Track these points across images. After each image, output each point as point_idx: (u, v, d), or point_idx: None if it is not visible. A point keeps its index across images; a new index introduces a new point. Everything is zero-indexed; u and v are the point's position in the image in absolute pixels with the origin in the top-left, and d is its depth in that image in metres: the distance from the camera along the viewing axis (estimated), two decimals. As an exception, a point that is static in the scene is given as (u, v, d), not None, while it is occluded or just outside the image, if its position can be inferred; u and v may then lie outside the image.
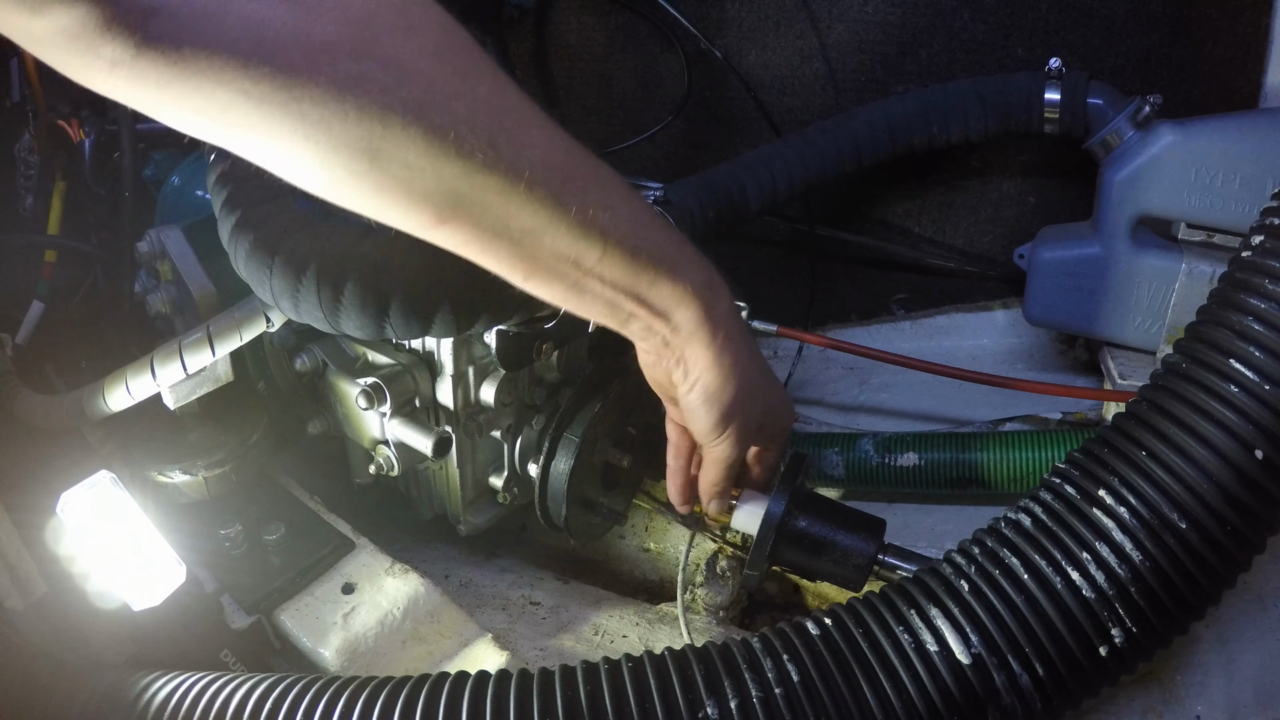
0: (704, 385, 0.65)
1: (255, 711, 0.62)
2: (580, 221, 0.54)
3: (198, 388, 0.83)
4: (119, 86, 0.45)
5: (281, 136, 0.48)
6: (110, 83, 0.44)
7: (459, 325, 0.72)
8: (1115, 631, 0.59)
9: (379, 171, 0.50)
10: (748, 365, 0.66)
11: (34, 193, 1.12)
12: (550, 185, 0.53)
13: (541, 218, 0.53)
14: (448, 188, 0.51)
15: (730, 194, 1.11)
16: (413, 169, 0.50)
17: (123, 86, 0.45)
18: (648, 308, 0.61)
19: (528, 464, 0.90)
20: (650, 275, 0.59)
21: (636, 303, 0.60)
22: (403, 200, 0.52)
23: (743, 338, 0.66)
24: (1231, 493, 0.58)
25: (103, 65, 0.43)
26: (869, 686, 0.59)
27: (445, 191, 0.51)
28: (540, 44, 1.43)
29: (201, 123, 0.48)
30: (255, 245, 0.71)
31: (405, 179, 0.50)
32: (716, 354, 0.64)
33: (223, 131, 0.48)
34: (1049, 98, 1.08)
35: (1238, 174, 0.98)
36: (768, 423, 0.72)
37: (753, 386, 0.67)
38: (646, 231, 0.58)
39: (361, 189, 0.51)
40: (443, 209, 0.52)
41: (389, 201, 0.52)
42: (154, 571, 0.76)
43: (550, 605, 0.96)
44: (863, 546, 0.73)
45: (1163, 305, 1.06)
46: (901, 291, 1.40)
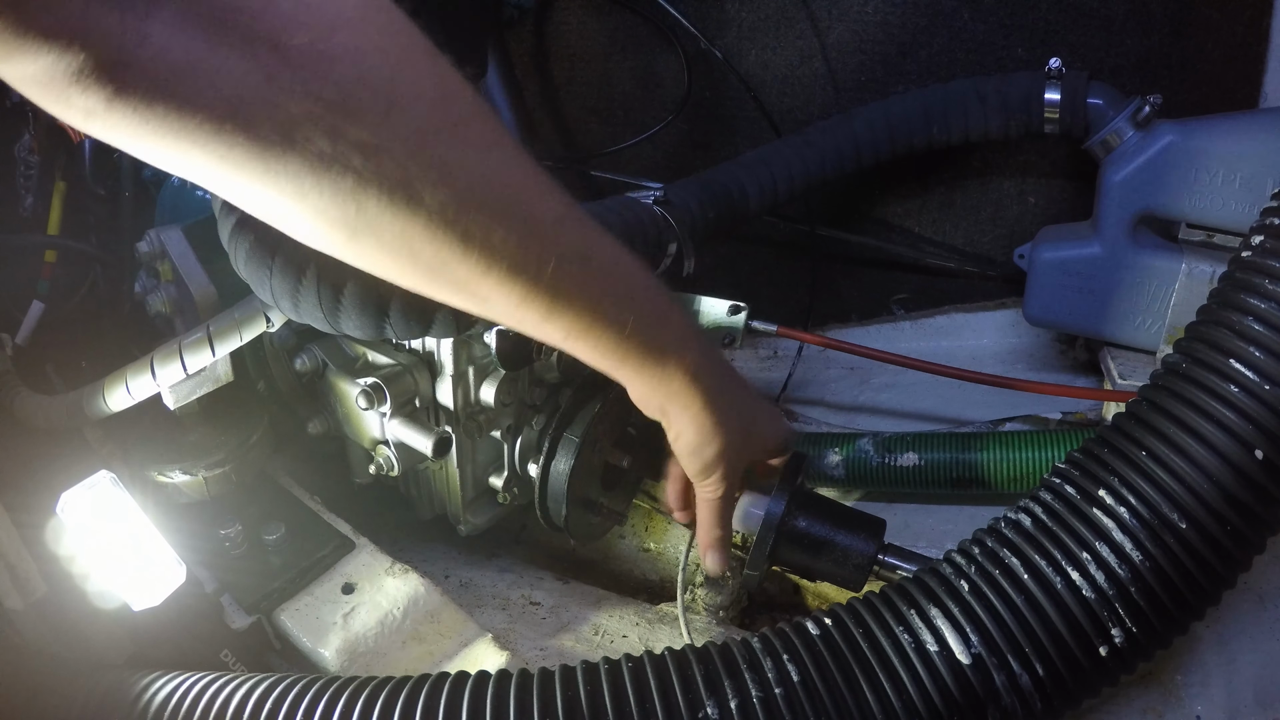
0: (686, 440, 0.68)
1: (255, 711, 0.62)
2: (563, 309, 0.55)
3: (198, 388, 0.83)
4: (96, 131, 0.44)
5: (261, 199, 0.48)
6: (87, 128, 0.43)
7: (459, 325, 0.72)
8: (1115, 631, 0.59)
9: (357, 244, 0.50)
10: (729, 414, 0.68)
11: (34, 193, 1.12)
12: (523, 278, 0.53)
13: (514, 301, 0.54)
14: (426, 265, 0.52)
15: (730, 194, 1.11)
16: (390, 244, 0.50)
17: (99, 133, 0.44)
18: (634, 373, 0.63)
19: (528, 464, 0.90)
20: (637, 356, 0.61)
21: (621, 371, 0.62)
22: (386, 266, 0.53)
23: (725, 389, 0.67)
24: (1231, 493, 0.58)
25: (76, 114, 0.42)
26: (869, 686, 0.59)
27: (426, 267, 0.52)
28: (540, 44, 1.43)
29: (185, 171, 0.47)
30: (255, 245, 0.71)
31: (385, 250, 0.51)
32: (696, 414, 0.66)
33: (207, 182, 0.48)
34: (1049, 98, 1.08)
35: (1238, 174, 0.98)
36: (762, 456, 0.75)
37: (738, 433, 0.69)
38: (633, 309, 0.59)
39: (348, 254, 0.52)
40: (424, 280, 0.53)
41: (373, 265, 0.53)
42: (154, 571, 0.76)
43: (550, 605, 0.96)
44: (863, 546, 0.73)
45: (1163, 305, 1.06)
46: (901, 291, 1.40)
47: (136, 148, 0.45)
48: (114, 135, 0.44)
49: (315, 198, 0.47)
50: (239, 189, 0.48)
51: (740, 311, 0.95)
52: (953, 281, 1.36)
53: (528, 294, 0.54)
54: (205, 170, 0.46)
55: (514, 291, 0.53)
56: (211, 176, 0.47)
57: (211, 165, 0.45)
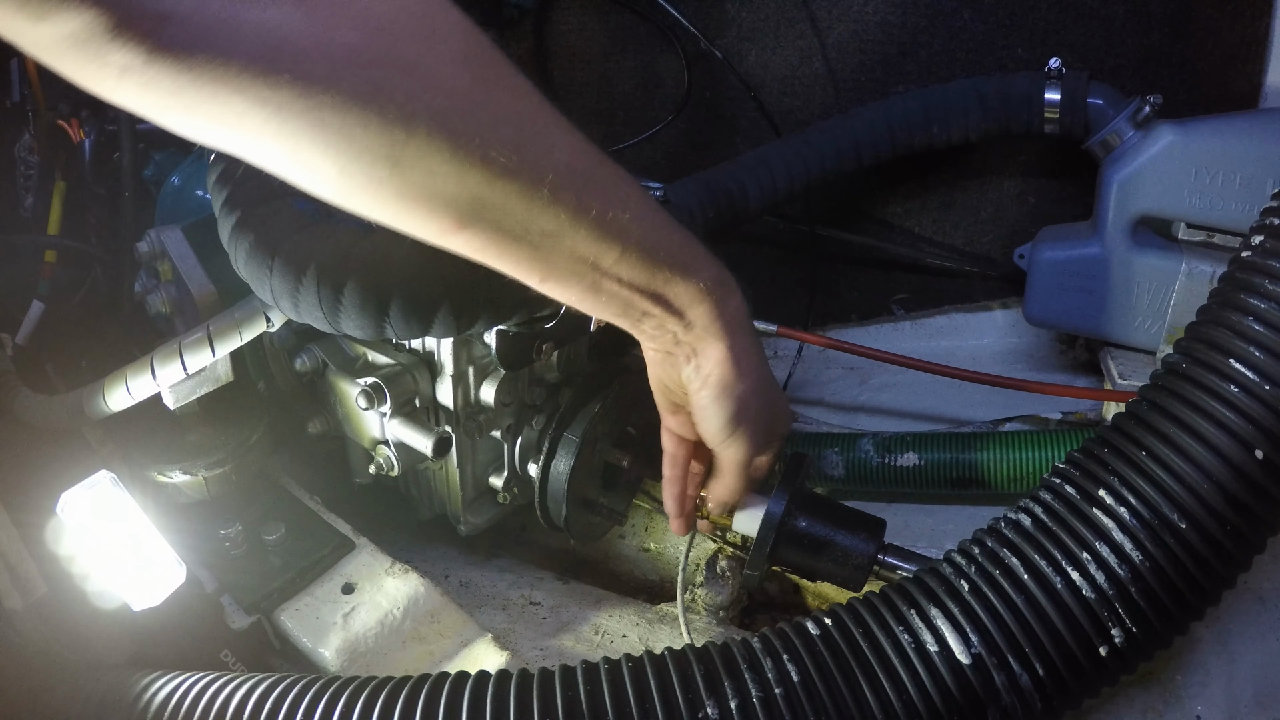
0: (716, 380, 0.65)
1: (255, 711, 0.62)
2: (600, 223, 0.54)
3: (198, 388, 0.83)
4: (129, 93, 0.43)
5: (299, 145, 0.47)
6: (120, 90, 0.43)
7: (459, 325, 0.72)
8: (1115, 631, 0.59)
9: (400, 179, 0.49)
10: (758, 362, 0.67)
11: (34, 193, 1.12)
12: (572, 188, 0.53)
13: (562, 221, 0.53)
14: (471, 194, 0.50)
15: (730, 194, 1.11)
16: (435, 176, 0.49)
17: (133, 93, 0.43)
18: (662, 305, 0.61)
19: (528, 464, 0.90)
20: (666, 274, 0.59)
21: (651, 301, 0.60)
22: (423, 207, 0.51)
23: (752, 335, 0.66)
24: (1231, 493, 0.58)
25: (112, 72, 0.42)
26: (869, 686, 0.59)
27: (468, 197, 0.51)
28: (540, 44, 1.43)
29: (215, 130, 0.47)
30: (255, 245, 0.71)
31: (427, 186, 0.50)
32: (728, 349, 0.64)
33: (237, 139, 0.47)
34: (1049, 98, 1.08)
35: (1238, 174, 0.98)
36: (772, 425, 0.72)
37: (762, 383, 0.68)
38: (662, 231, 0.59)
39: (381, 196, 0.50)
40: (464, 215, 0.52)
41: (409, 208, 0.51)
42: (154, 571, 0.76)
43: (550, 605, 0.96)
44: (863, 546, 0.73)
45: (1163, 305, 1.06)
46: (901, 291, 1.40)
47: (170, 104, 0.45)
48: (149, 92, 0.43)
49: (360, 133, 0.47)
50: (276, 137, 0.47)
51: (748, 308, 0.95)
52: (953, 281, 1.36)
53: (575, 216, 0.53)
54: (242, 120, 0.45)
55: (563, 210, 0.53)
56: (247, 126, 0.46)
57: (250, 112, 0.45)
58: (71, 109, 1.12)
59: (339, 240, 0.71)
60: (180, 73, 0.42)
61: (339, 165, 0.48)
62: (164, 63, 0.42)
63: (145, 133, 1.11)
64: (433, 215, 0.52)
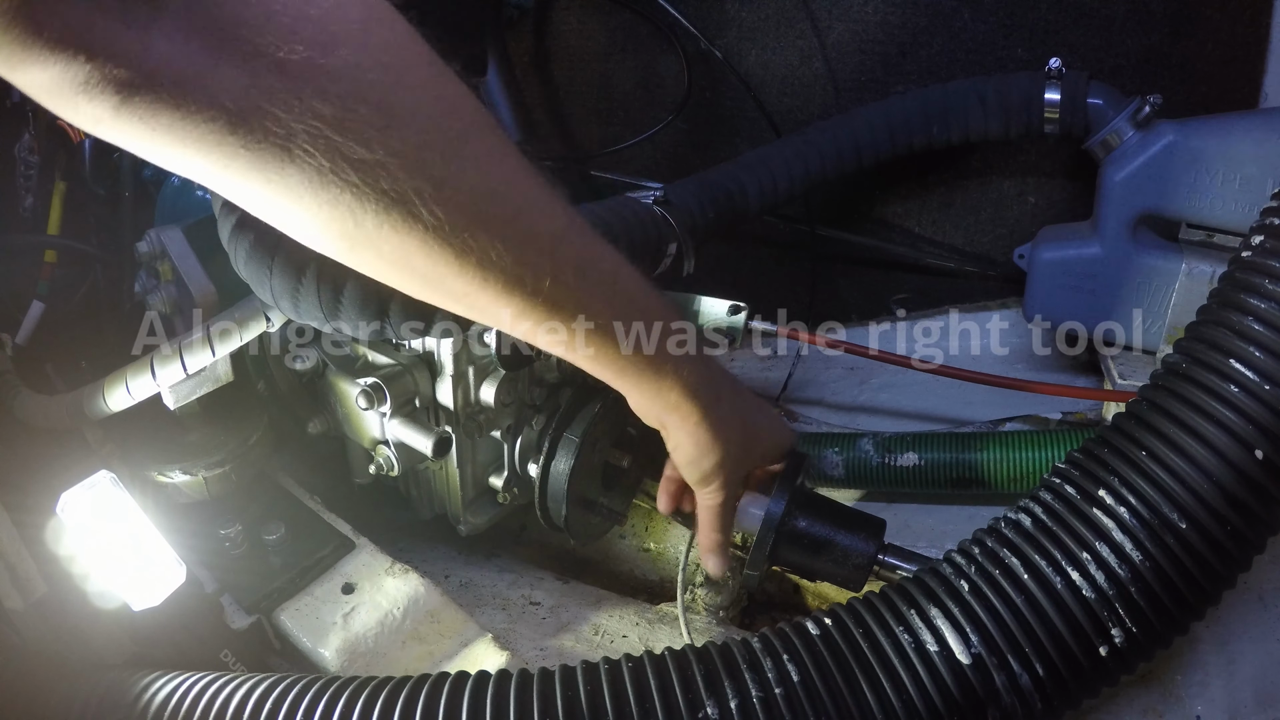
0: (684, 452, 0.68)
1: (255, 711, 0.62)
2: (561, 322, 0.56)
3: (198, 388, 0.83)
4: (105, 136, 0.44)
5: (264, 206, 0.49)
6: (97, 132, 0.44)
7: (459, 325, 0.72)
8: (1115, 631, 0.59)
9: (356, 254, 0.52)
10: (728, 425, 0.68)
11: (34, 193, 1.12)
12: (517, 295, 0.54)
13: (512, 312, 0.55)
14: (424, 277, 0.53)
15: (730, 194, 1.11)
16: (386, 259, 0.51)
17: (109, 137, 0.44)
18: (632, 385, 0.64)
19: (528, 464, 0.90)
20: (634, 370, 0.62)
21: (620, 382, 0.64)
22: (387, 275, 0.54)
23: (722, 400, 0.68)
24: (1231, 493, 0.58)
25: (85, 120, 0.43)
26: (869, 686, 0.59)
27: (423, 279, 0.53)
28: (540, 44, 1.43)
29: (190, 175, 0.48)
30: (255, 245, 0.71)
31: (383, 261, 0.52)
32: (694, 428, 0.66)
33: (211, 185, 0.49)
34: (1049, 98, 1.08)
35: (1238, 174, 0.98)
36: (761, 462, 0.75)
37: (736, 444, 0.69)
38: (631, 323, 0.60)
39: (349, 261, 0.53)
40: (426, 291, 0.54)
41: (374, 272, 0.54)
42: (154, 571, 0.76)
43: (550, 605, 0.96)
44: (863, 546, 0.73)
45: (1163, 305, 1.06)
46: (901, 291, 1.39)
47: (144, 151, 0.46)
48: (122, 140, 0.45)
49: (315, 209, 0.48)
50: (243, 194, 0.49)
51: (740, 311, 0.95)
52: (953, 281, 1.36)
53: (525, 307, 0.55)
54: (209, 176, 0.47)
55: (511, 304, 0.54)
56: (216, 181, 0.48)
57: (215, 172, 0.46)
58: (71, 109, 1.12)
59: (339, 240, 0.71)
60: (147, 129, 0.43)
61: (304, 229, 0.50)
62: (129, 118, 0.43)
63: (145, 133, 1.10)
64: (397, 282, 0.54)
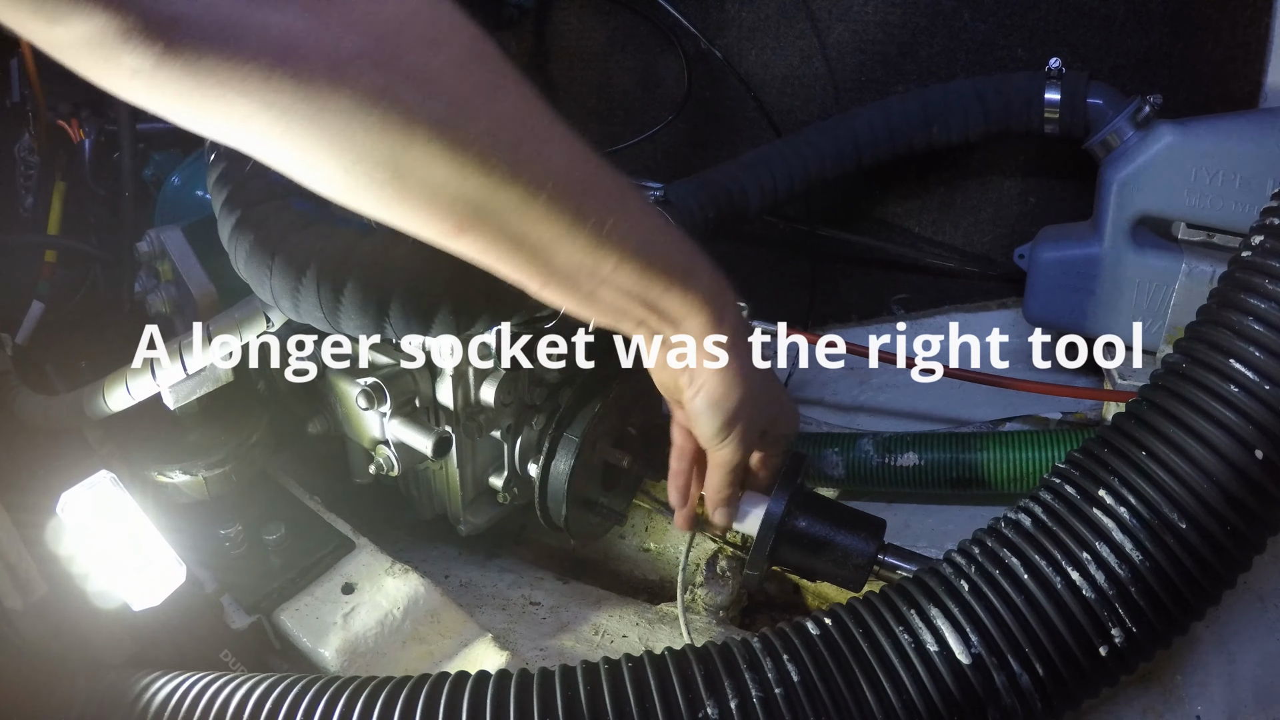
0: (709, 391, 0.66)
1: (255, 711, 0.62)
2: (598, 232, 0.55)
3: (198, 388, 0.83)
4: (140, 93, 0.45)
5: (304, 146, 0.48)
6: (131, 89, 0.44)
7: (459, 325, 0.72)
8: (1115, 631, 0.59)
9: (401, 183, 0.50)
10: (752, 372, 0.67)
11: (34, 193, 1.12)
12: (570, 198, 0.53)
13: (560, 229, 0.54)
14: (469, 199, 0.51)
15: (730, 194, 1.11)
16: (435, 181, 0.50)
17: (144, 93, 0.45)
18: (658, 314, 0.61)
19: (528, 464, 0.90)
20: (663, 284, 0.60)
21: (647, 309, 0.61)
22: (424, 210, 0.52)
23: (747, 344, 0.67)
24: (1231, 493, 0.58)
25: (123, 74, 0.43)
26: (869, 686, 0.59)
27: (467, 202, 0.52)
28: (540, 44, 1.43)
29: (223, 129, 0.48)
30: (255, 245, 0.71)
31: (428, 190, 0.51)
32: (722, 361, 0.65)
33: (244, 138, 0.48)
34: (1049, 98, 1.08)
35: (1238, 174, 0.98)
36: (771, 427, 0.73)
37: (757, 392, 0.68)
38: (661, 240, 0.59)
39: (383, 198, 0.52)
40: (463, 219, 0.53)
41: (410, 211, 0.52)
42: (154, 571, 0.76)
43: (550, 605, 0.96)
44: (863, 546, 0.73)
45: (1163, 305, 1.06)
46: (901, 291, 1.39)
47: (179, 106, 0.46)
48: (159, 94, 0.45)
49: (362, 137, 0.48)
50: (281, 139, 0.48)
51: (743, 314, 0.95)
52: (953, 281, 1.36)
53: (574, 223, 0.54)
54: (248, 122, 0.47)
55: (562, 218, 0.53)
56: (254, 127, 0.47)
57: (257, 114, 0.46)
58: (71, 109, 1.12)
59: (339, 240, 0.71)
60: (189, 76, 0.43)
61: (342, 167, 0.49)
62: (173, 66, 0.43)
63: (145, 133, 1.11)
64: (433, 218, 0.53)
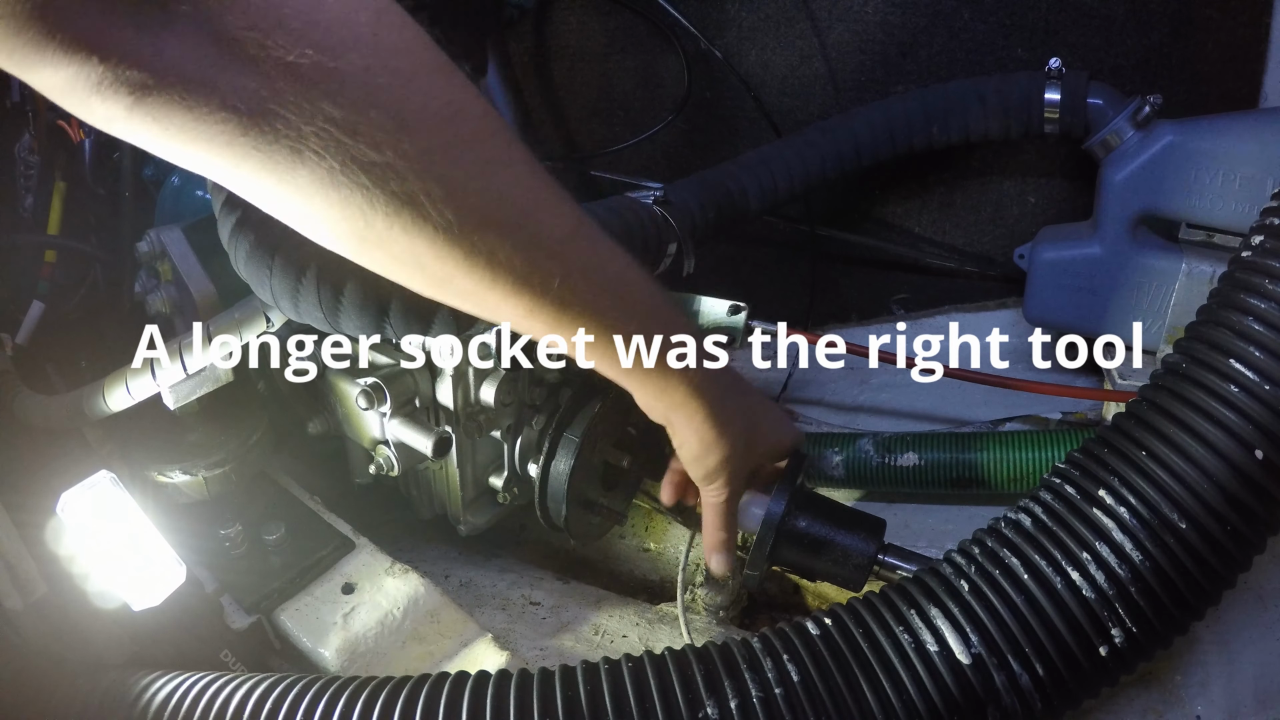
0: (689, 449, 0.69)
1: (255, 711, 0.62)
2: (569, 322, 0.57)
3: (198, 388, 0.83)
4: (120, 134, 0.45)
5: (276, 205, 0.50)
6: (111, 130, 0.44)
7: (459, 325, 0.72)
8: (1115, 631, 0.59)
9: (367, 254, 0.52)
10: (732, 423, 0.68)
11: (34, 193, 1.12)
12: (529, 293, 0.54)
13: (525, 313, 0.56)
14: (434, 276, 0.53)
15: (730, 194, 1.11)
16: (397, 259, 0.52)
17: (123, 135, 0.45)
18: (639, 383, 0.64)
19: (528, 464, 0.90)
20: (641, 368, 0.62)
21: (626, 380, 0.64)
22: (398, 276, 0.54)
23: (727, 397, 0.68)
24: (1231, 493, 0.58)
25: (98, 120, 0.43)
26: (869, 686, 0.59)
27: (433, 278, 0.53)
28: (540, 44, 1.43)
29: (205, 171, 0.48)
30: (255, 245, 0.71)
31: (394, 262, 0.52)
32: (700, 425, 0.67)
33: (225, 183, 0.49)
34: (1049, 98, 1.08)
35: (1238, 174, 0.98)
36: (763, 458, 0.75)
37: (739, 441, 0.69)
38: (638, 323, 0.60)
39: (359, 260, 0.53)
40: (435, 290, 0.55)
41: (386, 273, 0.54)
42: (154, 571, 0.76)
43: (550, 605, 0.96)
44: (863, 546, 0.73)
45: (1163, 305, 1.06)
46: (901, 291, 1.39)
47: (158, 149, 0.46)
48: (135, 138, 0.45)
49: (326, 209, 0.48)
50: (255, 192, 0.49)
51: (740, 311, 0.95)
52: (953, 281, 1.36)
53: (534, 307, 0.55)
54: (222, 174, 0.47)
55: (520, 304, 0.55)
56: (229, 179, 0.48)
57: (228, 170, 0.47)
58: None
59: (339, 240, 0.71)
60: (159, 129, 0.44)
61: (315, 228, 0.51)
62: (142, 118, 0.43)
63: (145, 133, 1.10)
64: (409, 281, 0.55)
